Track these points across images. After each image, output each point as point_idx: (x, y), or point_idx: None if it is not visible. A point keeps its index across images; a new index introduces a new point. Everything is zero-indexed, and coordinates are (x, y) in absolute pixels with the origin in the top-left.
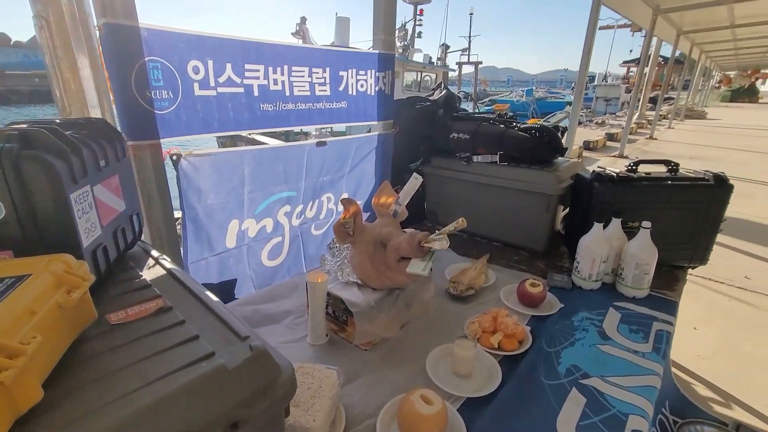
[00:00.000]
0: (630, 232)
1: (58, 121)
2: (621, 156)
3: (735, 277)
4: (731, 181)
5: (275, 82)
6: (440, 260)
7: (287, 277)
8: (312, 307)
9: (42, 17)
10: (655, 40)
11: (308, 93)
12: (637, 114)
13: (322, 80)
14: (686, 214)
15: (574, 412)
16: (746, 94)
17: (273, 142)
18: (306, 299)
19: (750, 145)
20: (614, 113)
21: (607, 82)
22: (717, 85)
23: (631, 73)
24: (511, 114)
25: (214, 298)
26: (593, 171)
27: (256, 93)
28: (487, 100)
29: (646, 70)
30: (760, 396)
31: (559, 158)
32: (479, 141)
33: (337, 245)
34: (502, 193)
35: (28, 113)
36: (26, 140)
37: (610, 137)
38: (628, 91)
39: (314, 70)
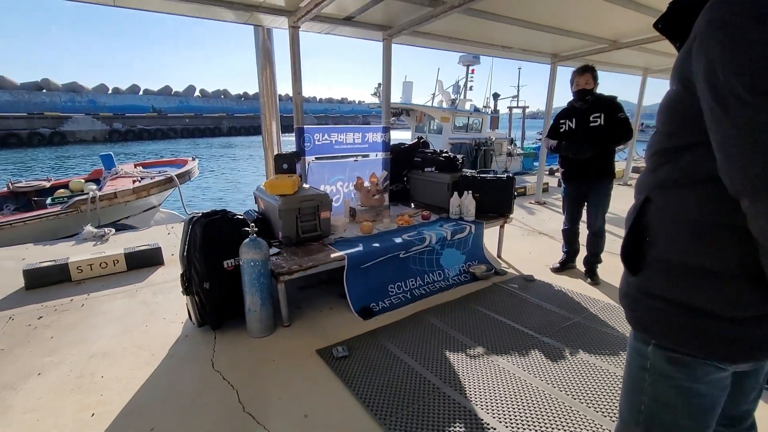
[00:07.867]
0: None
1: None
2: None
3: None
4: None
5: (340, 137)
6: (398, 209)
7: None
8: (344, 209)
9: (264, 112)
10: None
11: (352, 141)
12: None
13: (359, 137)
14: (498, 191)
15: (406, 238)
16: None
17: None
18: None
19: None
20: None
21: None
22: None
23: None
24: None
25: None
26: (463, 173)
27: (334, 142)
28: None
29: None
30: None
31: (465, 170)
32: (426, 162)
33: (355, 191)
34: (434, 184)
35: (182, 146)
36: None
37: None
38: None
39: (355, 134)
